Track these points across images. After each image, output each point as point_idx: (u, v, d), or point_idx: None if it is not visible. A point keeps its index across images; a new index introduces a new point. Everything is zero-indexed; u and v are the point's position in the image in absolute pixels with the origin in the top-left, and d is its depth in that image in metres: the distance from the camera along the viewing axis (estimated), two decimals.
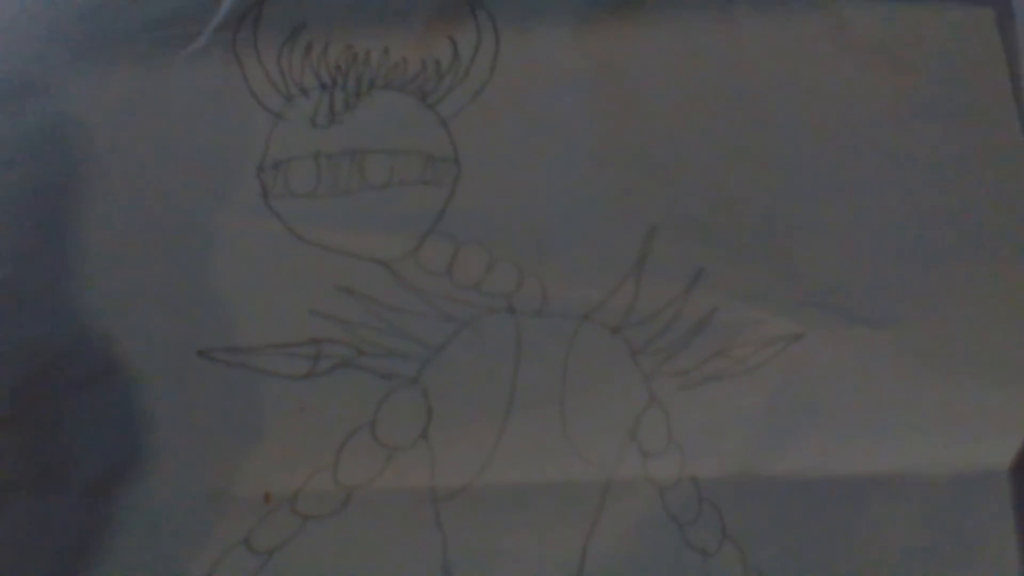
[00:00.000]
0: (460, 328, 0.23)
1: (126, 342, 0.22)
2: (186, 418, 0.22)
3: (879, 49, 0.26)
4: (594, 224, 0.24)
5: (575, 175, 0.24)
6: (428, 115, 0.24)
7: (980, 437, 0.24)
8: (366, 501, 0.22)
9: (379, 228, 0.23)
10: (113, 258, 0.23)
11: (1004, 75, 0.26)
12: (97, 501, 0.22)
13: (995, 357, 0.24)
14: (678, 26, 0.25)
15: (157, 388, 0.22)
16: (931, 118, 0.25)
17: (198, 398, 0.22)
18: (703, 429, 0.23)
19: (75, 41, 0.24)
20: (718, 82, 0.25)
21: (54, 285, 0.23)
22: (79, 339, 0.22)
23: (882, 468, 0.23)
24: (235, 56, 0.24)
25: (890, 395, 0.23)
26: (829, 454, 0.23)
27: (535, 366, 0.23)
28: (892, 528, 0.23)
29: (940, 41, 0.26)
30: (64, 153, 0.23)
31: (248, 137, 0.24)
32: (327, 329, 0.23)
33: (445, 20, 0.25)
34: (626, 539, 0.22)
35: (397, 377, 0.23)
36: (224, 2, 0.25)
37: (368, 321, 0.23)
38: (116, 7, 0.25)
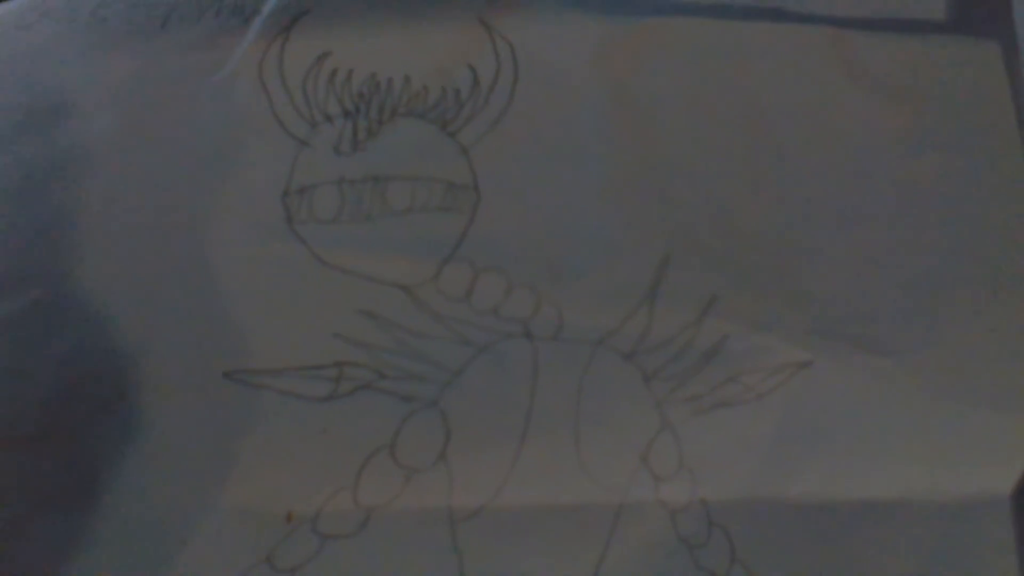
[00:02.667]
0: (478, 352, 0.24)
1: (152, 363, 0.23)
2: (211, 438, 0.23)
3: (888, 81, 0.27)
4: (609, 251, 0.25)
5: (591, 202, 0.25)
6: (449, 143, 0.25)
7: (984, 463, 0.25)
8: (385, 521, 0.23)
9: (400, 253, 0.24)
10: (141, 281, 0.24)
11: (1009, 108, 0.27)
12: (128, 520, 0.22)
13: (1000, 385, 0.25)
14: (691, 55, 0.27)
15: (182, 408, 0.23)
16: (937, 149, 0.26)
17: (224, 419, 0.23)
18: (713, 454, 0.24)
19: (102, 67, 0.25)
20: (731, 110, 0.26)
21: (84, 307, 0.23)
22: (106, 360, 0.23)
23: (888, 494, 0.24)
24: (261, 83, 0.25)
25: (896, 422, 0.25)
26: (836, 479, 0.24)
27: (551, 390, 0.24)
28: (896, 553, 0.24)
29: (946, 74, 0.27)
30: (91, 177, 0.24)
31: (273, 163, 0.25)
32: (349, 352, 0.23)
33: (465, 48, 0.26)
34: (638, 561, 0.23)
35: (417, 400, 0.24)
36: (250, 30, 0.25)
37: (389, 345, 0.24)
38: (146, 33, 0.26)
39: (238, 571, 0.23)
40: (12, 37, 0.26)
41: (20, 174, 0.25)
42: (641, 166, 0.26)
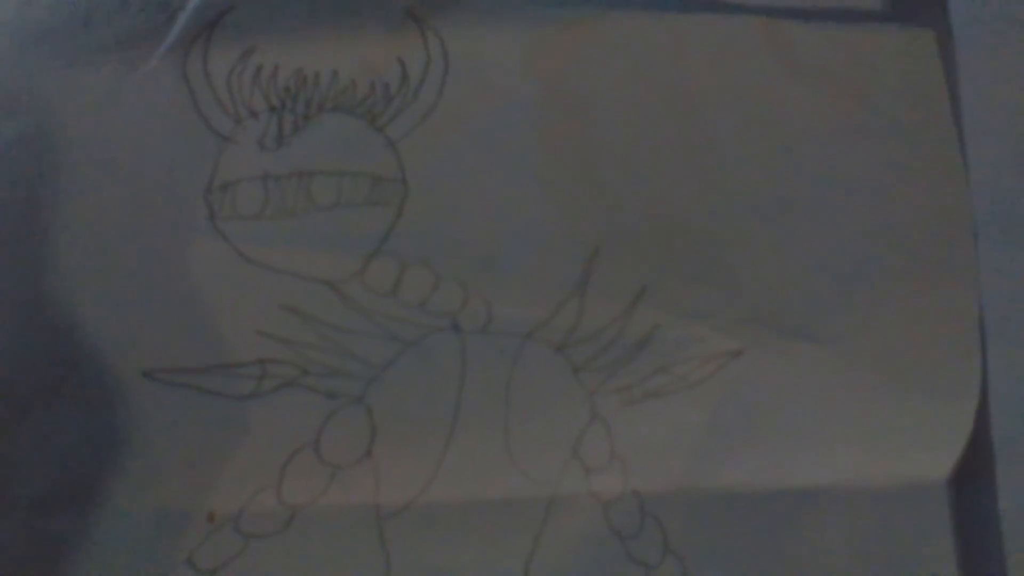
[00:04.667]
0: (405, 347, 0.24)
1: (73, 362, 0.23)
2: (131, 438, 0.23)
3: (822, 70, 0.27)
4: (540, 244, 0.25)
5: (522, 196, 0.25)
6: (376, 137, 0.25)
7: (918, 449, 0.25)
8: (310, 519, 0.23)
9: (326, 249, 0.24)
10: (60, 278, 0.24)
11: (944, 95, 0.28)
12: (42, 522, 0.22)
13: (931, 372, 0.25)
14: (625, 49, 0.27)
15: (103, 408, 0.23)
16: (872, 138, 0.27)
17: (144, 418, 0.23)
18: (645, 444, 0.24)
19: (28, 63, 0.25)
20: (663, 104, 0.27)
21: (1, 306, 0.23)
22: (25, 359, 0.23)
23: (822, 480, 0.25)
24: (185, 79, 0.25)
25: (828, 409, 0.25)
26: (769, 468, 0.25)
27: (479, 384, 0.24)
28: (832, 540, 0.24)
29: (882, 62, 0.27)
30: (14, 175, 0.25)
31: (196, 159, 0.25)
32: (272, 349, 0.24)
33: (394, 42, 0.26)
34: (569, 554, 0.23)
35: (342, 396, 0.24)
36: (174, 26, 0.25)
37: (313, 341, 0.24)
38: (68, 30, 0.26)
39: (158, 572, 0.23)
40: None
41: None
42: (572, 159, 0.26)
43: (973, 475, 0.26)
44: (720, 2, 0.29)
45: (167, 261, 0.24)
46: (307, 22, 0.27)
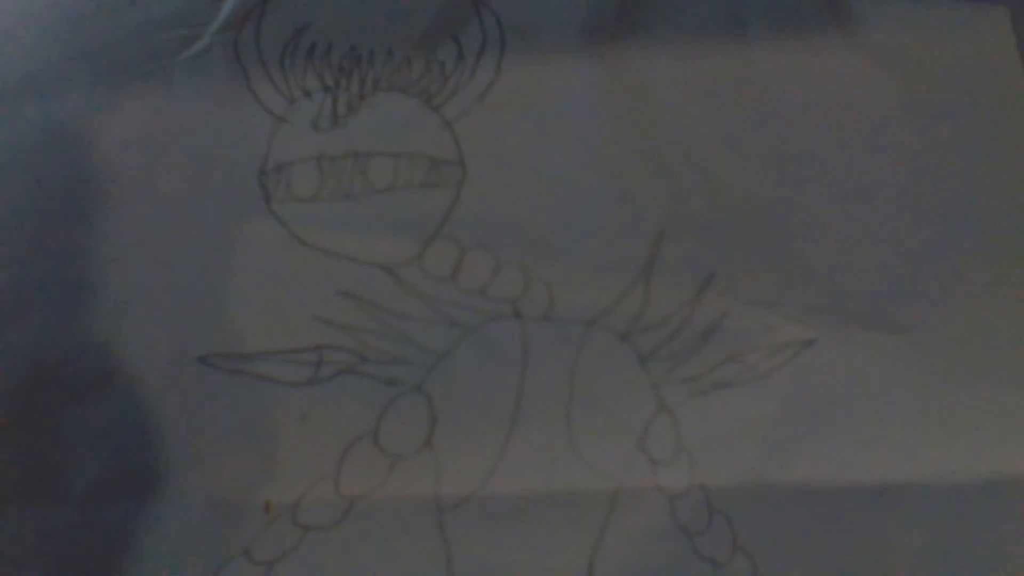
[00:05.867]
0: (465, 334, 0.23)
1: (126, 348, 0.23)
2: (186, 426, 0.23)
3: (892, 49, 0.26)
4: (602, 227, 0.24)
5: (582, 177, 0.25)
6: (433, 117, 0.25)
7: (999, 443, 0.24)
8: (368, 511, 0.23)
9: (383, 232, 0.24)
10: (113, 263, 0.24)
11: (1018, 72, 0.27)
12: (96, 511, 0.22)
13: (1013, 361, 0.25)
14: (686, 27, 0.26)
15: (157, 395, 0.23)
16: (945, 118, 0.26)
17: (198, 405, 0.23)
18: (713, 437, 0.24)
19: (74, 44, 0.25)
20: (727, 84, 0.26)
21: (54, 290, 0.23)
22: (79, 345, 0.23)
23: (897, 477, 0.24)
24: (237, 58, 0.25)
25: (905, 402, 0.24)
26: (842, 463, 0.24)
27: (542, 372, 0.23)
28: (910, 539, 0.24)
29: (954, 39, 0.27)
30: (65, 156, 0.24)
31: (250, 140, 0.24)
32: (330, 335, 0.23)
33: (450, 21, 0.26)
34: (634, 550, 0.23)
35: (401, 384, 0.23)
36: (226, 3, 0.25)
37: (371, 327, 0.23)
38: (116, 9, 0.25)
39: (214, 563, 0.22)
40: None
41: None
42: (634, 140, 0.25)
43: None
44: None
45: (221, 245, 0.24)
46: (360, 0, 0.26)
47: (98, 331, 0.24)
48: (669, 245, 0.25)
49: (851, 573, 0.24)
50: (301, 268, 0.24)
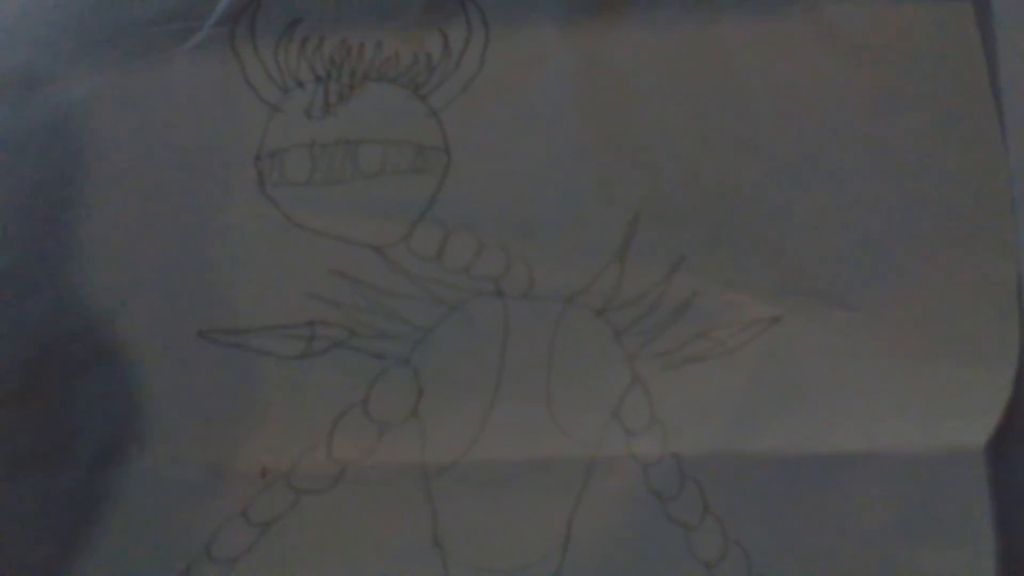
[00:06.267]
0: (450, 311, 0.25)
1: (128, 324, 0.24)
2: (186, 396, 0.24)
3: (859, 43, 0.28)
4: (580, 210, 0.26)
5: (562, 163, 0.26)
6: (420, 106, 0.26)
7: (956, 416, 0.26)
8: (359, 476, 0.24)
9: (372, 215, 0.25)
10: (115, 244, 0.25)
11: (982, 68, 0.28)
12: (102, 475, 0.23)
13: (969, 339, 0.26)
14: (662, 18, 0.27)
15: (158, 367, 0.24)
16: (910, 110, 0.27)
17: (197, 377, 0.24)
18: (685, 408, 0.25)
19: (78, 35, 0.26)
20: (701, 74, 0.27)
21: (58, 271, 0.25)
22: (83, 321, 0.24)
23: (858, 446, 0.25)
24: (233, 50, 0.26)
25: (866, 376, 0.26)
26: (807, 433, 0.25)
27: (522, 347, 0.25)
28: (868, 504, 0.25)
29: (920, 35, 0.28)
30: (66, 143, 0.26)
31: (245, 128, 0.26)
32: (321, 311, 0.24)
33: (436, 15, 0.27)
34: (610, 513, 0.24)
35: (389, 357, 0.25)
36: None
37: (361, 304, 0.25)
38: (118, 3, 0.26)
39: (213, 525, 0.24)
40: None
41: None
42: (611, 127, 0.27)
43: (1010, 442, 0.26)
44: None
45: (219, 226, 0.26)
46: None
47: (102, 308, 0.25)
48: (643, 228, 0.26)
49: (814, 536, 0.25)
50: (294, 248, 0.25)
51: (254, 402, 0.25)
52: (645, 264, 0.26)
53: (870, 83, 0.28)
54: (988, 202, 0.27)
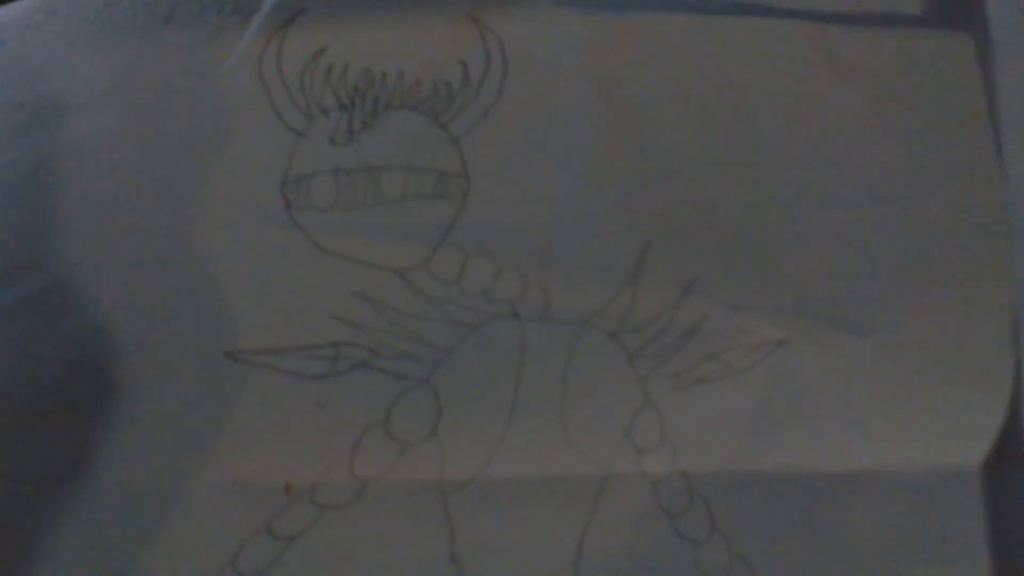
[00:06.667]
0: (468, 332, 0.26)
1: (159, 345, 0.26)
2: (214, 415, 0.25)
3: (863, 72, 0.29)
4: (594, 236, 0.27)
5: (577, 190, 0.27)
6: (440, 134, 0.27)
7: (953, 437, 0.27)
8: (380, 493, 0.25)
9: (394, 239, 0.26)
10: (147, 266, 0.26)
11: (981, 97, 0.29)
12: (131, 495, 0.24)
13: (966, 362, 0.27)
14: (675, 49, 0.29)
15: (187, 387, 0.25)
16: (911, 138, 0.28)
17: (225, 396, 0.25)
18: (694, 428, 0.26)
19: (109, 64, 0.27)
20: (712, 103, 0.28)
21: (95, 292, 0.25)
22: (110, 343, 0.25)
23: (861, 465, 0.26)
24: (260, 78, 0.27)
25: (868, 397, 0.27)
26: (811, 452, 0.26)
27: (538, 368, 0.26)
28: (869, 521, 0.26)
29: (921, 64, 0.29)
30: (105, 168, 0.27)
31: (272, 154, 0.27)
32: (345, 333, 0.25)
33: (456, 43, 0.28)
34: (621, 529, 0.25)
35: (410, 378, 0.26)
36: (250, 27, 0.27)
37: (383, 326, 0.26)
38: (149, 30, 0.28)
39: (239, 539, 0.25)
40: (19, 37, 0.28)
41: (26, 169, 0.27)
42: (625, 155, 0.28)
43: (1005, 462, 0.27)
44: (767, 6, 0.30)
45: (247, 249, 0.26)
46: (374, 24, 0.28)
47: (134, 329, 0.26)
48: (655, 253, 0.27)
49: (816, 552, 0.26)
50: (319, 271, 0.26)
51: (279, 420, 0.26)
52: (657, 288, 0.27)
53: (872, 109, 0.29)
54: (985, 230, 0.28)
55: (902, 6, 0.31)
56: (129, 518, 0.25)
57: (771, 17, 0.30)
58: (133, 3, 0.28)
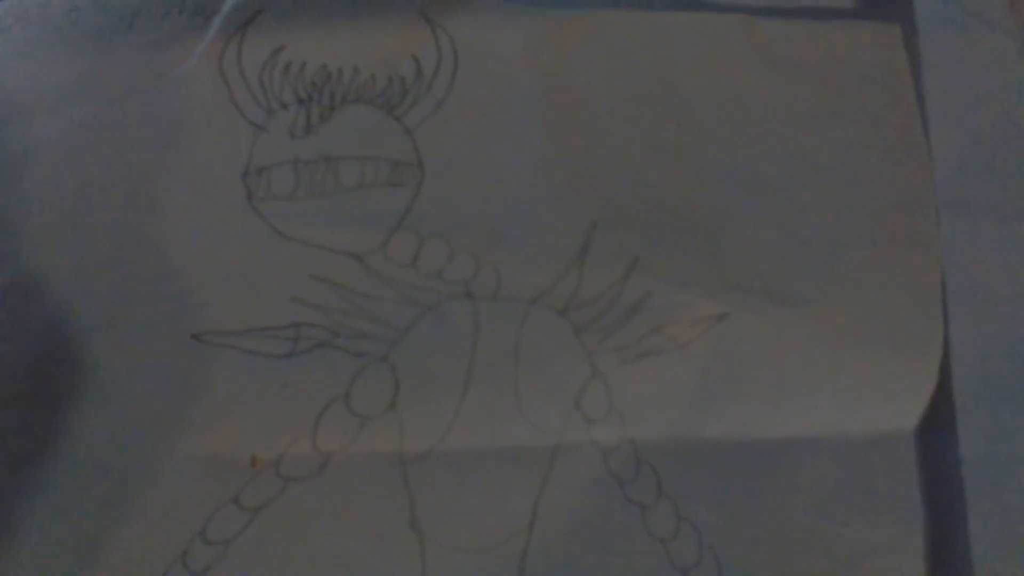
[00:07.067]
0: (424, 312, 0.27)
1: (128, 327, 0.27)
2: (182, 393, 0.26)
3: (797, 62, 0.31)
4: (543, 219, 0.28)
5: (526, 176, 0.29)
6: (394, 125, 0.29)
7: (887, 402, 0.28)
8: (341, 465, 0.26)
9: (352, 225, 0.28)
10: (114, 255, 0.27)
11: (909, 84, 0.31)
12: (102, 472, 0.26)
13: (899, 332, 0.28)
14: (617, 44, 0.30)
15: (156, 368, 0.27)
16: (842, 122, 0.30)
17: (192, 376, 0.26)
18: (641, 398, 0.28)
19: (76, 66, 0.29)
20: (652, 94, 0.30)
21: (65, 278, 0.27)
22: (86, 325, 0.26)
23: (800, 431, 0.28)
24: (222, 75, 0.29)
25: (806, 367, 0.28)
26: (752, 419, 0.28)
27: (491, 344, 0.27)
28: (808, 484, 0.28)
29: (852, 54, 0.31)
30: (74, 162, 0.28)
31: (234, 146, 0.28)
32: (306, 314, 0.27)
33: (409, 40, 0.30)
34: (573, 495, 0.27)
35: (368, 355, 0.27)
36: (211, 28, 0.29)
37: (342, 307, 0.27)
38: (113, 33, 0.29)
39: (208, 510, 0.26)
40: None
41: None
42: (571, 143, 0.29)
43: (937, 425, 0.28)
44: (704, 1, 0.32)
45: (211, 237, 0.28)
46: (330, 23, 0.30)
47: (104, 314, 0.27)
48: (600, 234, 0.29)
49: (759, 513, 0.28)
50: (280, 257, 0.28)
51: (244, 398, 0.27)
52: (603, 267, 0.28)
53: (805, 97, 0.31)
54: (915, 207, 0.30)
55: (835, 1, 0.32)
56: (103, 492, 0.26)
57: (709, 11, 0.31)
58: (97, 8, 0.30)
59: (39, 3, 0.30)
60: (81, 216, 0.28)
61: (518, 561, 0.26)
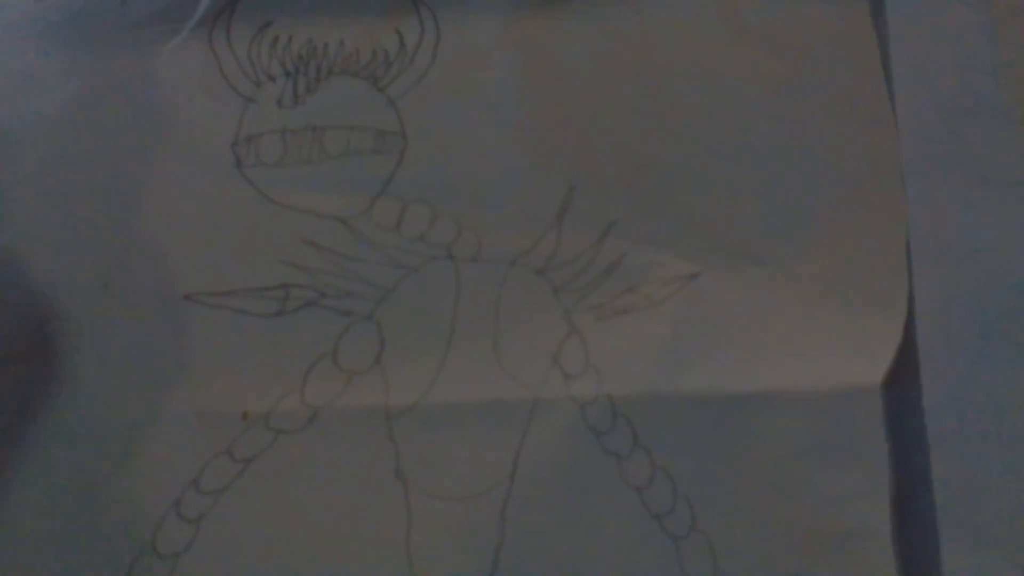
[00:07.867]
0: (408, 273, 0.29)
1: (125, 288, 0.28)
2: (175, 351, 0.27)
3: (768, 35, 0.32)
4: (522, 184, 0.30)
5: (505, 144, 0.30)
6: (379, 97, 0.30)
7: (855, 357, 0.29)
8: (329, 418, 0.28)
9: (337, 191, 0.29)
10: (110, 220, 0.29)
11: (875, 56, 0.32)
12: (103, 427, 0.27)
13: (865, 289, 0.30)
14: (593, 14, 0.31)
15: (151, 327, 0.28)
16: (811, 92, 0.32)
17: (186, 335, 0.28)
18: (616, 354, 0.29)
19: (71, 39, 0.30)
20: (628, 62, 0.31)
21: (64, 242, 0.28)
22: (84, 286, 0.28)
23: (770, 385, 0.29)
24: (211, 49, 0.30)
25: (775, 323, 0.29)
26: (724, 374, 0.29)
27: (472, 303, 0.29)
28: (778, 435, 0.29)
29: (821, 29, 0.32)
30: (66, 134, 0.29)
31: (224, 117, 0.29)
32: (294, 275, 0.28)
33: (392, 15, 0.31)
34: (551, 447, 0.28)
35: (354, 314, 0.28)
36: (200, 4, 0.30)
37: (329, 268, 0.28)
38: (106, 9, 0.30)
39: (202, 461, 0.27)
40: None
41: None
42: (549, 112, 0.31)
43: (902, 378, 0.29)
44: None
45: (203, 203, 0.29)
46: (315, 0, 0.31)
47: (101, 274, 0.28)
48: (578, 198, 0.30)
49: (731, 462, 0.29)
50: (269, 221, 0.29)
51: (235, 355, 0.28)
52: (580, 229, 0.30)
53: (776, 70, 0.32)
54: (881, 172, 0.31)
55: None
56: (101, 445, 0.27)
57: None
58: None
59: None
60: (77, 184, 0.29)
61: (499, 509, 0.28)
